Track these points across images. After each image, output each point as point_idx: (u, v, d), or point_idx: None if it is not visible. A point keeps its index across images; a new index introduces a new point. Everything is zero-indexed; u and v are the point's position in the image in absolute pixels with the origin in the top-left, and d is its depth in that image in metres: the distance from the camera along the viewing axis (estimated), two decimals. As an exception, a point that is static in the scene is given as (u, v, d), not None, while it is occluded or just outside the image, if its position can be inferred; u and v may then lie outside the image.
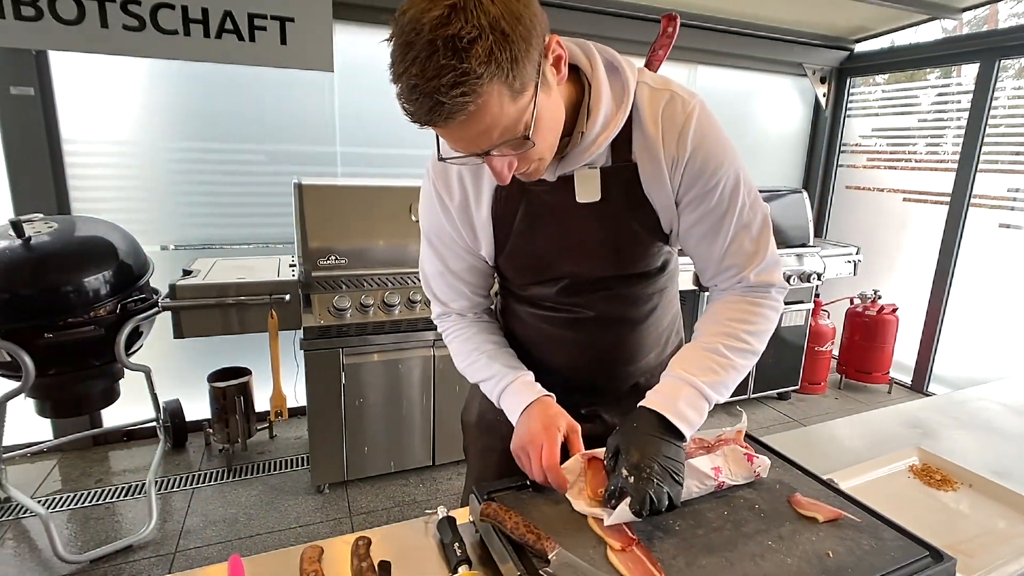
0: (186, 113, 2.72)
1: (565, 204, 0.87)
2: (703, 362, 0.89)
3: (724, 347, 0.90)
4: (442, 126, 0.66)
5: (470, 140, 0.69)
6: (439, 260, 1.01)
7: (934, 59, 3.60)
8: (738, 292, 0.95)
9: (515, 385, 0.95)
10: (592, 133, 0.80)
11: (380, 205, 2.39)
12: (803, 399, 3.62)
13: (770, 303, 0.93)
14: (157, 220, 2.77)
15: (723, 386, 0.89)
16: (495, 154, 0.72)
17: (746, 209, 0.89)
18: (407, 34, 0.62)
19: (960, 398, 1.50)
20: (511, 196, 0.90)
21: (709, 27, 3.44)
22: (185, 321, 2.21)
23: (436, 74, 0.60)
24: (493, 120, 0.66)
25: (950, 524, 0.93)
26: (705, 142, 0.83)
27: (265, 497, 2.45)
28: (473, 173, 0.91)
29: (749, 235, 0.91)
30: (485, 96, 0.63)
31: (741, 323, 0.91)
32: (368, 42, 2.92)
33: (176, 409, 2.78)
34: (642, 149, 0.84)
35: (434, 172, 0.94)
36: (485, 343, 1.02)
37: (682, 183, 0.86)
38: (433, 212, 0.97)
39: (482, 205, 0.92)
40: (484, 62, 0.61)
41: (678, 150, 0.83)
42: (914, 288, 3.69)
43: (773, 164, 4.19)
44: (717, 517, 0.83)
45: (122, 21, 2.35)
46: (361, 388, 2.37)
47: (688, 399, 0.85)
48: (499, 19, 0.61)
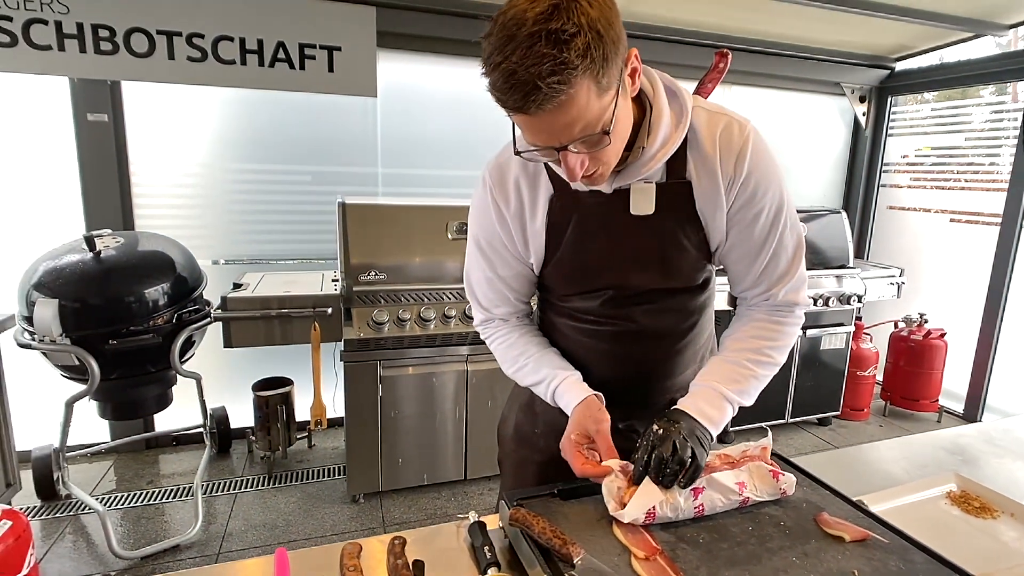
0: (239, 137, 2.90)
1: (618, 216, 0.93)
2: (727, 373, 0.96)
3: (748, 360, 0.97)
4: (533, 113, 0.70)
5: (554, 131, 0.74)
6: (488, 266, 1.05)
7: (982, 76, 3.51)
8: (764, 311, 1.00)
9: (564, 385, 1.00)
10: (652, 149, 0.86)
11: (418, 223, 2.49)
12: (844, 425, 3.51)
13: (792, 320, 1.00)
14: (210, 236, 2.94)
15: (745, 393, 0.96)
16: (572, 150, 0.76)
17: (786, 231, 0.95)
18: (509, 28, 0.68)
19: (1006, 426, 1.46)
20: (565, 206, 0.95)
21: (743, 48, 3.45)
22: (235, 331, 2.34)
23: (537, 61, 0.66)
24: (579, 112, 0.71)
25: (987, 552, 0.92)
26: (759, 166, 0.89)
27: (303, 504, 2.53)
28: (530, 183, 0.96)
29: (785, 256, 0.96)
30: (576, 87, 0.68)
31: (764, 340, 0.98)
32: (410, 69, 3.06)
33: (222, 416, 2.91)
34: (698, 168, 0.90)
35: (491, 180, 0.98)
36: (530, 346, 1.06)
37: (734, 203, 0.91)
38: (487, 219, 1.01)
39: (537, 214, 0.97)
40: (581, 55, 0.67)
41: (735, 172, 0.89)
42: (964, 312, 3.55)
43: (812, 184, 4.13)
44: (741, 532, 0.84)
45: (187, 53, 2.55)
46: (397, 400, 2.44)
47: (710, 400, 0.93)
48: (596, 21, 0.68)
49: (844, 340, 3.33)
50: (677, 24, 3.22)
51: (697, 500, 0.86)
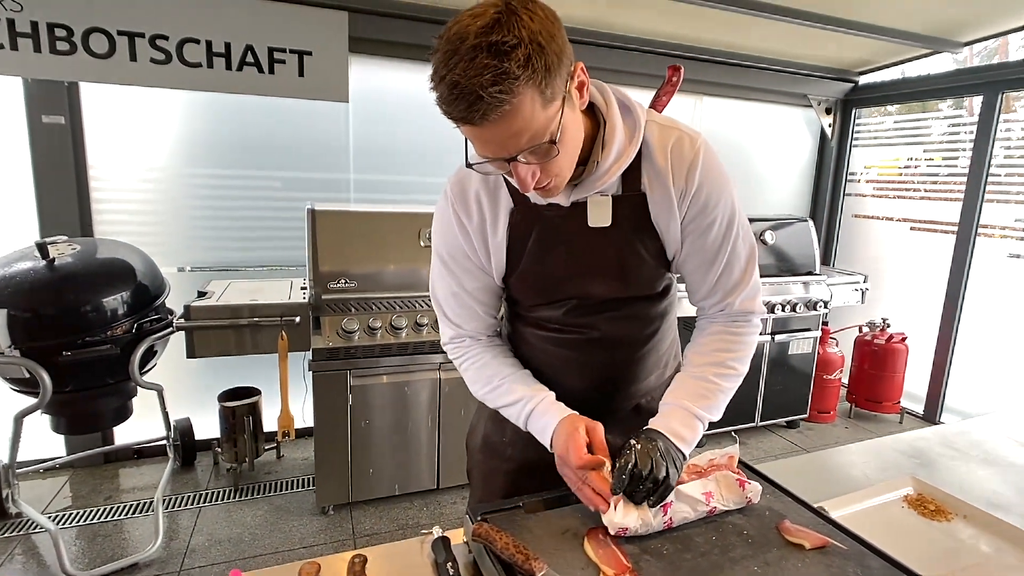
0: (206, 141, 2.83)
1: (577, 228, 0.94)
2: (694, 389, 0.97)
3: (713, 375, 0.98)
4: (478, 124, 0.72)
5: (500, 142, 0.75)
6: (453, 280, 1.04)
7: (938, 91, 3.64)
8: (721, 322, 1.02)
9: (541, 407, 0.98)
10: (606, 163, 0.88)
11: (390, 230, 2.46)
12: (812, 428, 3.58)
13: (750, 330, 1.02)
14: (175, 243, 2.86)
15: (714, 408, 0.97)
16: (521, 160, 0.77)
17: (738, 241, 0.97)
18: (452, 42, 0.70)
19: (962, 428, 1.50)
20: (526, 219, 0.95)
21: (713, 60, 3.52)
22: (198, 341, 2.27)
23: (478, 72, 0.68)
24: (524, 123, 0.72)
25: (941, 555, 0.94)
26: (710, 177, 0.92)
27: (270, 517, 2.47)
28: (491, 196, 0.97)
29: (739, 265, 0.98)
30: (519, 97, 0.70)
31: (726, 352, 0.99)
32: (382, 74, 3.03)
33: (186, 428, 2.83)
34: (652, 181, 0.92)
35: (452, 194, 0.98)
36: (503, 367, 1.05)
37: (687, 214, 0.93)
38: (450, 232, 1.00)
39: (498, 227, 0.97)
40: (522, 65, 0.68)
41: (687, 183, 0.91)
42: (924, 317, 3.67)
43: (780, 193, 4.23)
44: (705, 542, 0.85)
45: (150, 55, 2.48)
46: (367, 410, 2.40)
47: (682, 420, 0.93)
48: (537, 33, 0.70)
49: (811, 345, 3.40)
50: (647, 35, 3.27)
51: (666, 515, 0.86)
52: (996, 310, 3.35)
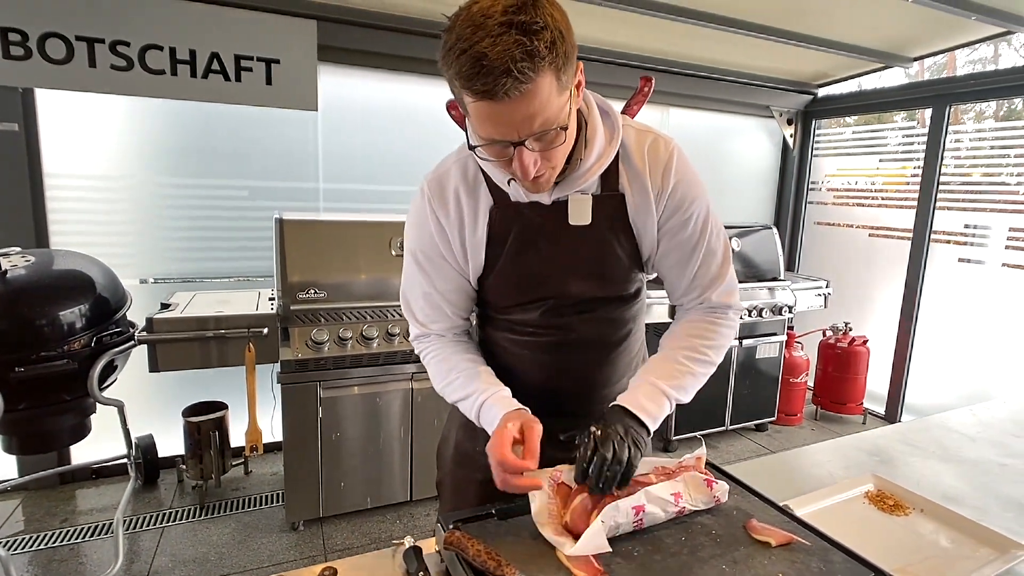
0: (170, 149, 2.77)
1: (557, 226, 0.96)
2: (664, 369, 0.99)
3: (683, 356, 1.00)
4: (499, 99, 0.73)
5: (514, 122, 0.76)
6: (425, 280, 1.03)
7: (891, 104, 3.81)
8: (699, 312, 1.05)
9: (491, 400, 0.96)
10: (588, 162, 0.91)
11: (360, 239, 2.43)
12: (780, 430, 3.66)
13: (727, 322, 1.04)
14: (138, 254, 2.78)
15: (682, 388, 0.98)
16: (528, 146, 0.79)
17: (713, 237, 1.01)
18: (475, 18, 0.71)
19: (920, 426, 1.56)
20: (506, 218, 0.97)
21: (680, 72, 3.61)
22: (161, 355, 2.20)
23: (508, 47, 0.70)
24: (541, 105, 0.75)
25: (900, 547, 0.97)
26: (684, 177, 0.96)
27: (238, 535, 2.40)
28: (470, 194, 0.97)
29: (715, 261, 1.02)
30: (541, 78, 0.73)
31: (699, 338, 1.02)
32: (351, 83, 3.02)
33: (149, 445, 2.73)
34: (630, 181, 0.95)
35: (430, 191, 0.99)
36: (462, 362, 1.03)
37: (664, 212, 0.97)
38: (425, 230, 1.00)
39: (478, 225, 0.98)
40: (548, 47, 0.72)
41: (663, 183, 0.95)
42: (883, 320, 3.81)
43: (744, 201, 4.34)
44: (675, 543, 0.86)
45: (110, 61, 2.42)
46: (338, 422, 2.36)
47: (647, 394, 0.95)
48: (559, 22, 0.74)
49: (777, 349, 3.49)
50: (618, 47, 3.34)
51: (638, 516, 0.87)
52: (949, 312, 3.50)
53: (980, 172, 3.44)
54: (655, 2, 2.74)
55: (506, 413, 0.93)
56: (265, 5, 2.61)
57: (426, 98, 3.12)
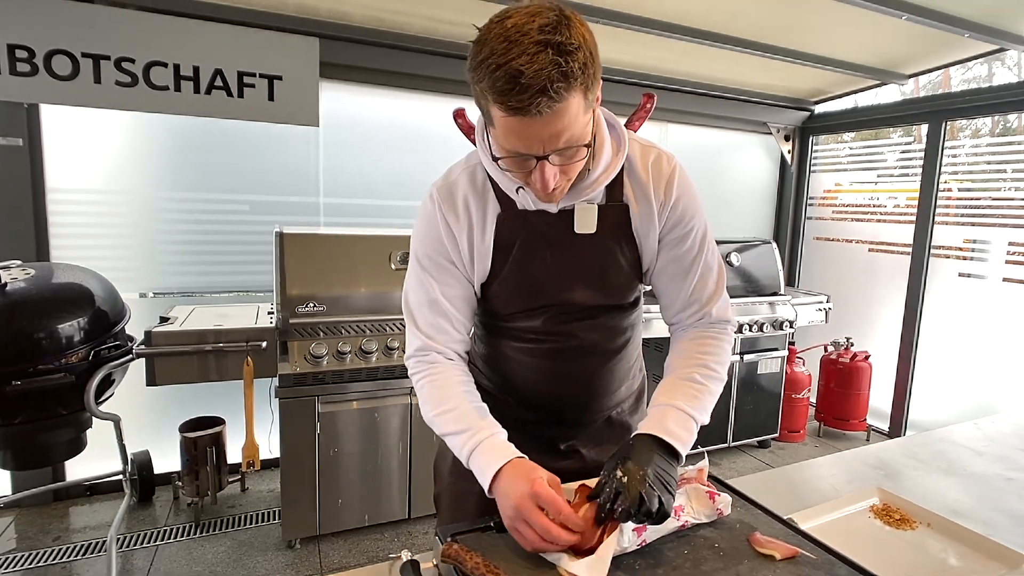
0: (172, 164, 2.79)
1: (563, 234, 0.98)
2: (683, 390, 0.98)
3: (699, 376, 0.99)
4: (531, 115, 0.74)
5: (543, 138, 0.78)
6: (432, 286, 1.00)
7: (888, 120, 3.85)
8: (700, 329, 1.05)
9: (486, 444, 0.90)
10: (595, 172, 0.93)
11: (359, 253, 2.44)
12: (783, 447, 3.62)
13: (726, 336, 1.05)
14: (138, 267, 2.78)
15: (703, 409, 0.97)
16: (551, 161, 0.81)
17: (710, 254, 1.03)
18: (510, 34, 0.72)
19: (925, 440, 1.54)
20: (513, 225, 0.98)
21: (678, 89, 3.65)
22: (159, 368, 2.19)
23: (544, 66, 0.71)
24: (568, 123, 0.77)
25: (907, 562, 0.95)
26: (686, 192, 0.99)
27: (233, 553, 2.36)
28: (479, 202, 0.99)
29: (712, 277, 1.04)
30: (572, 98, 0.75)
31: (708, 355, 1.01)
32: (353, 100, 3.05)
33: (145, 461, 2.70)
34: (635, 192, 0.98)
35: (440, 197, 0.99)
36: (459, 393, 0.98)
37: (665, 225, 1.00)
38: (434, 235, 1.00)
39: (486, 232, 0.99)
40: (581, 68, 0.74)
41: (665, 196, 0.98)
42: (885, 335, 3.79)
43: (743, 216, 4.36)
44: (677, 556, 0.84)
45: (115, 77, 2.45)
46: (336, 437, 2.34)
47: (676, 419, 0.92)
48: (589, 42, 0.76)
49: (779, 364, 3.47)
50: (617, 64, 3.39)
51: (640, 536, 0.85)
52: (951, 327, 3.48)
53: (978, 187, 3.45)
54: (654, 20, 2.78)
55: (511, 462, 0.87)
56: (268, 23, 2.66)
57: (426, 114, 3.15)
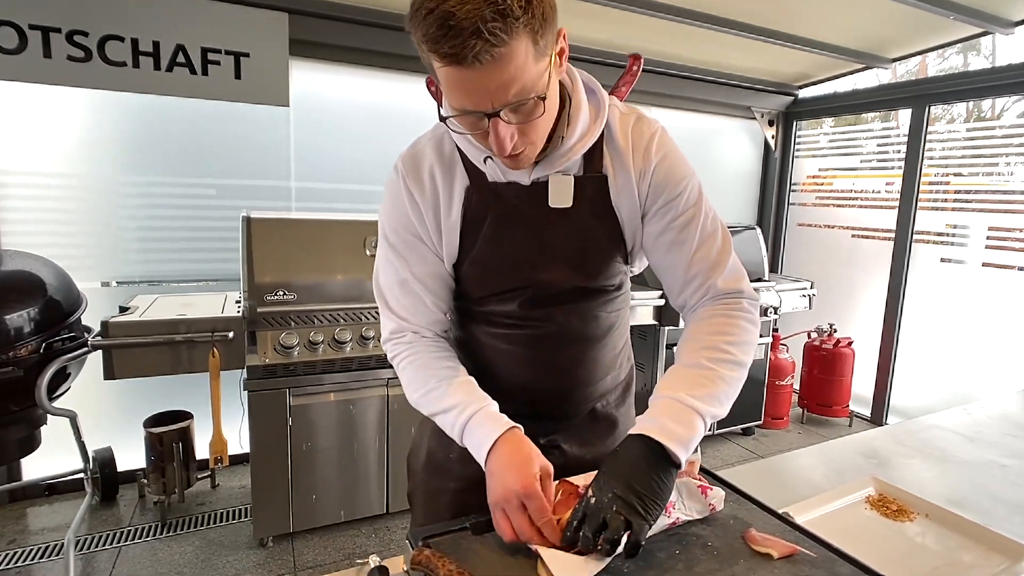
0: (133, 145, 2.63)
1: (536, 209, 0.89)
2: (687, 378, 0.84)
3: (707, 360, 0.85)
4: (469, 64, 0.66)
5: (488, 90, 0.69)
6: (401, 265, 0.94)
7: (871, 104, 3.83)
8: (709, 307, 0.92)
9: (478, 418, 0.84)
10: (571, 140, 0.85)
11: (332, 239, 2.32)
12: (767, 434, 3.61)
13: (745, 315, 0.90)
14: (99, 255, 2.63)
15: (714, 398, 0.81)
16: (503, 118, 0.72)
17: (708, 220, 0.93)
18: None
19: (914, 427, 1.50)
20: (482, 199, 0.90)
21: (662, 72, 3.58)
22: (117, 361, 2.06)
23: (477, 7, 0.64)
24: (516, 71, 0.68)
25: (908, 556, 0.90)
26: (669, 155, 0.90)
27: (201, 553, 2.25)
28: (446, 173, 0.91)
29: (714, 244, 0.93)
30: (516, 41, 0.67)
31: (719, 335, 0.87)
32: (325, 79, 2.92)
33: (107, 458, 2.57)
34: (613, 162, 0.89)
35: (404, 168, 0.92)
36: (443, 370, 0.92)
37: (649, 193, 0.90)
38: (400, 210, 0.92)
39: (453, 206, 0.91)
40: (523, 7, 0.66)
41: (644, 162, 0.89)
42: (868, 321, 3.79)
43: (727, 202, 4.32)
44: (668, 556, 0.77)
45: (67, 52, 2.29)
46: (309, 431, 2.24)
47: (673, 413, 0.79)
48: None
49: (763, 351, 3.45)
50: (597, 45, 3.29)
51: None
52: (932, 313, 3.49)
53: (955, 173, 3.45)
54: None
55: (505, 435, 0.81)
56: (233, -4, 2.51)
57: (404, 95, 3.03)
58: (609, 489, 0.73)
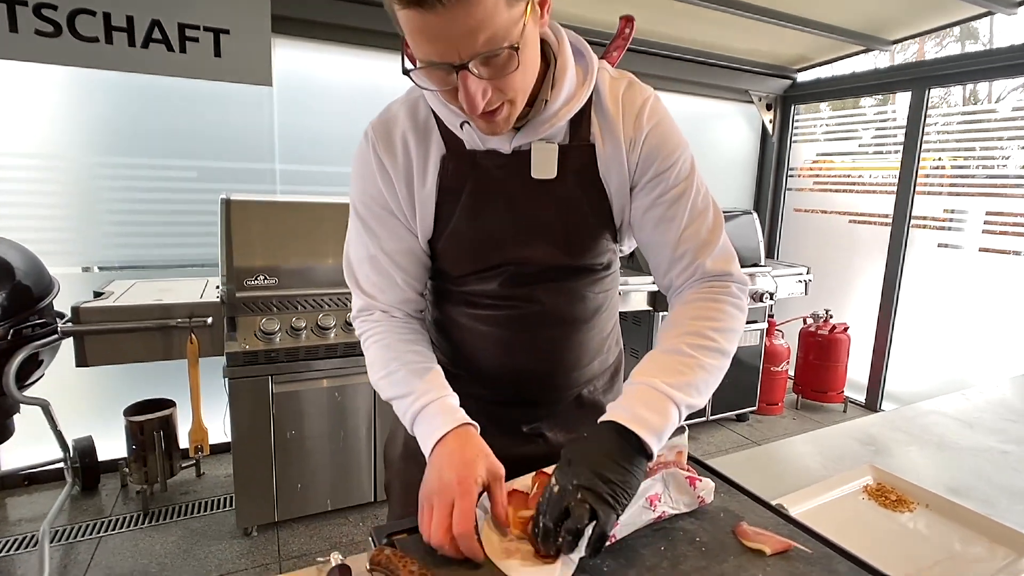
0: (110, 126, 2.54)
1: (518, 181, 0.83)
2: (665, 364, 0.79)
3: (687, 346, 0.79)
4: (429, 8, 0.59)
5: (453, 37, 0.62)
6: (371, 240, 0.87)
7: (871, 87, 3.75)
8: (695, 290, 0.86)
9: (432, 408, 0.79)
10: (555, 104, 0.78)
11: (315, 222, 2.25)
12: (761, 420, 3.58)
13: (732, 300, 0.84)
14: (78, 240, 2.55)
15: (691, 387, 0.76)
16: (473, 71, 0.65)
17: (700, 196, 0.86)
18: None
19: (911, 413, 1.45)
20: (459, 169, 0.83)
21: (656, 52, 3.49)
22: (90, 347, 1.99)
23: None
24: (485, 16, 0.61)
25: (909, 550, 0.85)
26: (661, 124, 0.84)
27: (183, 543, 2.20)
28: (420, 140, 0.84)
29: (705, 223, 0.86)
30: None
31: (703, 320, 0.82)
32: (311, 58, 2.82)
33: (87, 447, 2.51)
34: (602, 130, 0.83)
35: (375, 134, 0.86)
36: (407, 353, 0.86)
37: (639, 164, 0.84)
38: (370, 179, 0.86)
39: (427, 176, 0.84)
40: None
41: (635, 130, 0.83)
42: (864, 307, 3.75)
43: (724, 187, 4.25)
44: (652, 554, 0.72)
45: (35, 26, 2.19)
46: (293, 419, 2.19)
47: (648, 401, 0.74)
48: None
49: (758, 337, 3.40)
50: (588, 24, 3.20)
51: None
52: (929, 299, 3.45)
53: (952, 157, 3.39)
54: (631, -28, 2.60)
55: (455, 430, 0.76)
56: (210, -32, 2.40)
57: (394, 75, 2.92)
58: (573, 476, 0.68)
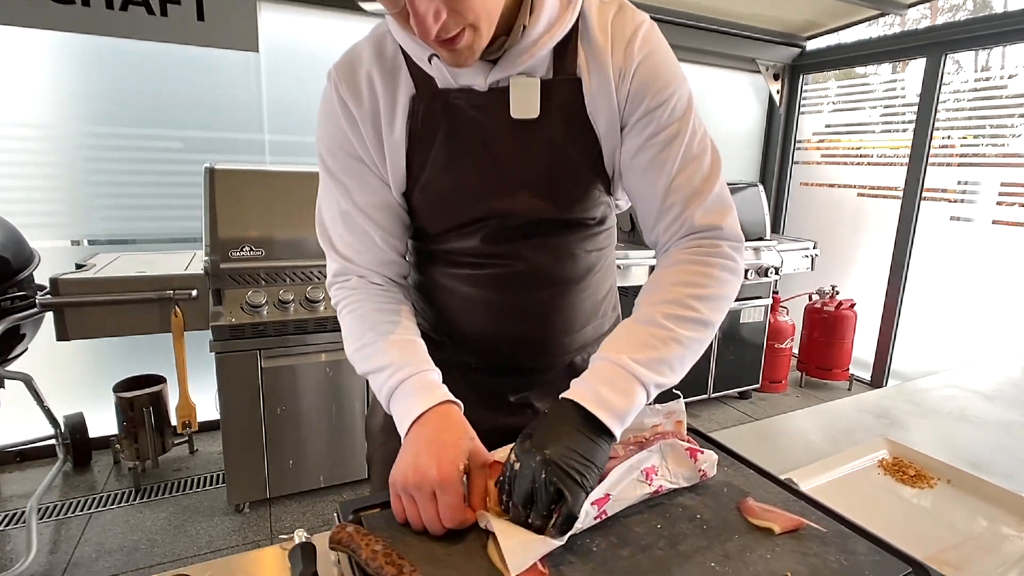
0: (90, 94, 2.44)
1: (497, 123, 0.74)
2: (636, 337, 0.71)
3: (663, 316, 0.71)
4: None
5: None
6: (342, 195, 0.79)
7: (883, 54, 3.60)
8: (682, 249, 0.77)
9: (411, 383, 0.71)
10: (535, 30, 0.69)
11: (302, 192, 2.16)
12: (764, 398, 3.52)
13: (723, 261, 0.75)
14: (65, 212, 2.47)
15: (663, 364, 0.69)
16: None
17: (696, 139, 0.76)
18: None
19: (925, 385, 1.38)
20: (431, 111, 0.74)
21: (661, 18, 3.35)
22: (71, 321, 1.93)
23: None
24: None
25: (931, 529, 0.78)
26: (655, 53, 0.74)
27: (175, 520, 2.17)
28: (387, 79, 0.75)
29: (698, 169, 0.76)
30: None
31: (686, 286, 0.73)
32: (300, 22, 2.70)
33: (78, 423, 2.47)
34: (588, 62, 0.73)
35: (338, 75, 0.76)
36: (384, 324, 0.77)
37: (628, 98, 0.74)
38: (336, 127, 0.77)
39: (396, 120, 0.75)
40: None
41: (625, 59, 0.73)
42: (871, 283, 3.66)
43: (729, 159, 4.12)
44: (648, 532, 0.65)
45: (6, -14, 2.08)
46: (283, 395, 2.13)
47: (610, 379, 0.67)
48: None
49: (763, 313, 3.32)
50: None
51: (600, 509, 0.65)
52: (940, 274, 3.35)
53: (962, 136, 3.26)
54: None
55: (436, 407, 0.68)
56: (190, -77, 2.28)
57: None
58: (536, 453, 0.61)
